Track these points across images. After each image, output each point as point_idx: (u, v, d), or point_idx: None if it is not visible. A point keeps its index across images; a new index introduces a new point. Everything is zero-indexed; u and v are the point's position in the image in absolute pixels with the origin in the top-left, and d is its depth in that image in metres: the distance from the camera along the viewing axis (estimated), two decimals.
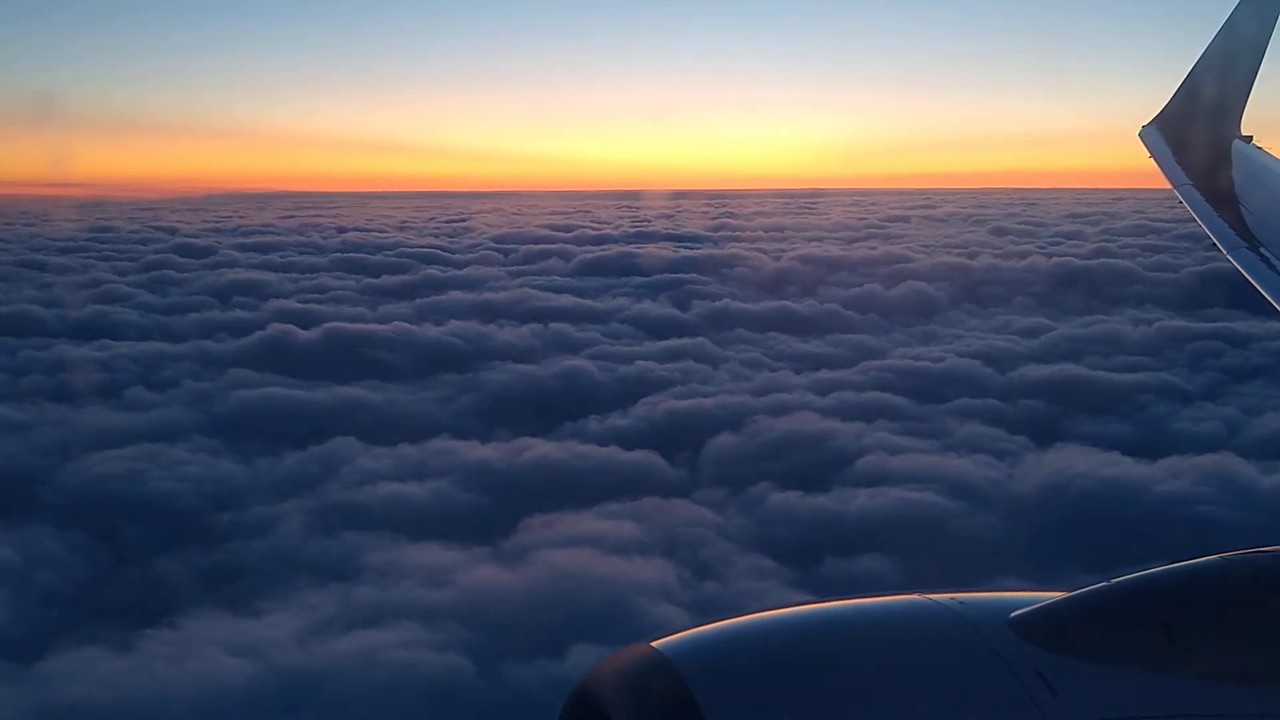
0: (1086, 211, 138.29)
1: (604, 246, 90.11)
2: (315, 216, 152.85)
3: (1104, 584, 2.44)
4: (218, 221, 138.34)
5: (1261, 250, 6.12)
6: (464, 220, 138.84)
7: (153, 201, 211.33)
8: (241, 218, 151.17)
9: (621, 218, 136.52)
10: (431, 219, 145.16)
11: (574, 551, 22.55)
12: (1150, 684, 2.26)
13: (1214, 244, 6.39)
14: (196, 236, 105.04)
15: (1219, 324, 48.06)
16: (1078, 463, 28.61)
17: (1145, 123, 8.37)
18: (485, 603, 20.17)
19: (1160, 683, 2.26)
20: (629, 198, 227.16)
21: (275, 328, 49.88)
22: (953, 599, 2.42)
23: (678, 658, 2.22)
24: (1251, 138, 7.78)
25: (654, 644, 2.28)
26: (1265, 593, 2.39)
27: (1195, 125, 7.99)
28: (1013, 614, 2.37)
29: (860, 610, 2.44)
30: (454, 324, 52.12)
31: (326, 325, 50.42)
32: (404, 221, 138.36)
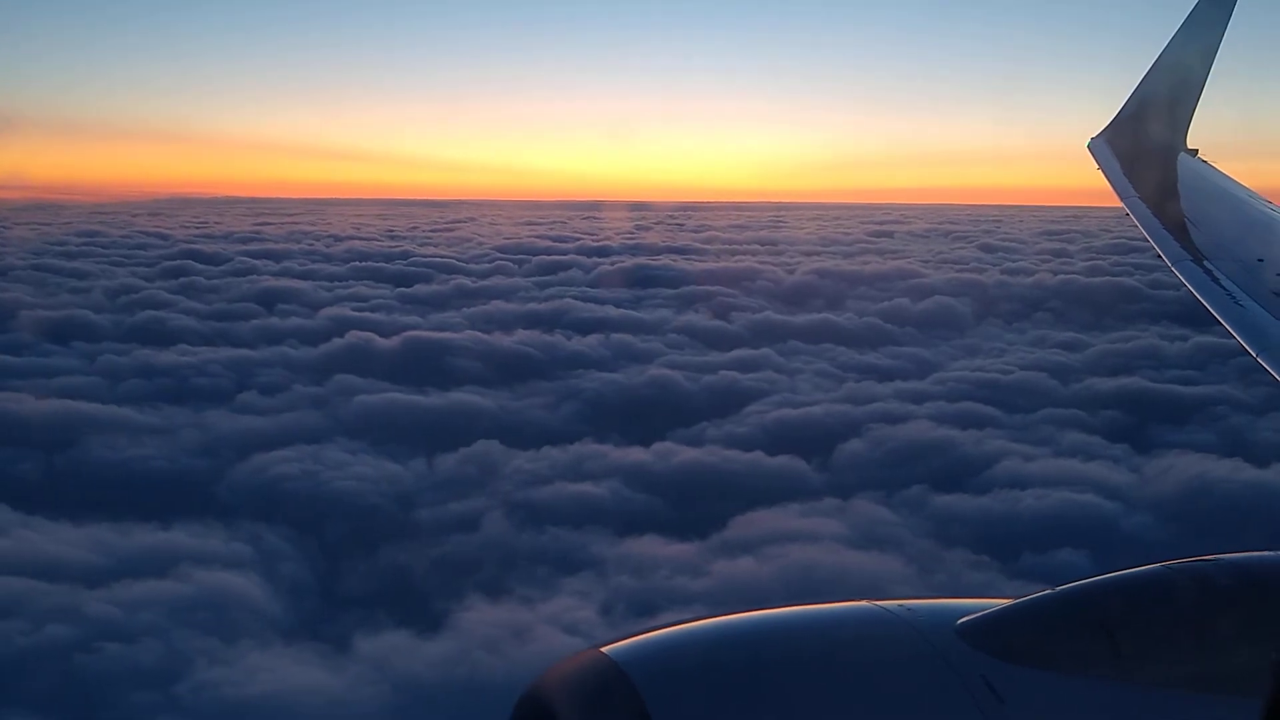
0: (1057, 229, 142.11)
1: (611, 259, 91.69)
2: (294, 223, 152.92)
3: (1050, 591, 2.48)
4: (200, 227, 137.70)
5: (1205, 264, 6.10)
6: (451, 230, 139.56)
7: (106, 205, 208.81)
8: (218, 223, 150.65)
9: (602, 229, 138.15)
10: (414, 228, 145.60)
11: (803, 546, 24.29)
12: (1095, 691, 2.30)
13: (1159, 255, 6.45)
14: (197, 242, 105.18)
15: None
16: (1210, 468, 30.77)
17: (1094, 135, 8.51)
18: (756, 591, 21.79)
19: (1105, 690, 2.30)
20: (590, 209, 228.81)
21: (354, 335, 51.07)
22: (901, 605, 2.45)
23: (628, 663, 2.23)
24: (1197, 151, 7.92)
25: (604, 649, 2.30)
26: (1206, 601, 2.43)
27: (1142, 139, 8.08)
28: (960, 621, 2.41)
29: (809, 616, 2.46)
30: (521, 333, 53.63)
31: (405, 334, 51.68)
32: (388, 230, 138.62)
